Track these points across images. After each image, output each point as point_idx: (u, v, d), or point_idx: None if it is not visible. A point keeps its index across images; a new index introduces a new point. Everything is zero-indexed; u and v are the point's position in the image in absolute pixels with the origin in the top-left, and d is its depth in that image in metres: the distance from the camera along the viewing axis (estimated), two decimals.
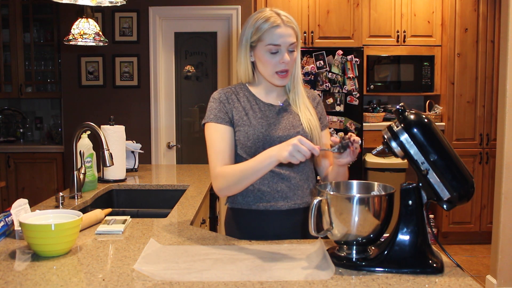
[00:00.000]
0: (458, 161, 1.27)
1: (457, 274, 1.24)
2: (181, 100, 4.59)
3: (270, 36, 1.55)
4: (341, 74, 4.15)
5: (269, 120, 1.63)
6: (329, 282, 1.18)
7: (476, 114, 4.36)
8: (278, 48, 1.56)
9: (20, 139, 5.06)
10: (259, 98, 1.68)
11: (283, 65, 1.57)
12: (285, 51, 1.57)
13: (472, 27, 4.29)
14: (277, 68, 1.58)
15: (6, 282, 1.18)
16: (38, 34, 4.91)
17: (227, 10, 4.38)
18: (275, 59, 1.57)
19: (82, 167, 2.21)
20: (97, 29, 2.70)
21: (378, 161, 4.26)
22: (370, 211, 1.26)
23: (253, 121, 1.62)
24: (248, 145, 1.60)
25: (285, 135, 1.61)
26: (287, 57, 1.57)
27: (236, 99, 1.66)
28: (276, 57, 1.57)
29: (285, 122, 1.64)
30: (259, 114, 1.64)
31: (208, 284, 1.16)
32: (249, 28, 1.59)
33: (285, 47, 1.56)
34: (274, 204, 1.63)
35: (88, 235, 1.60)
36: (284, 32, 1.55)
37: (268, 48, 1.56)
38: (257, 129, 1.60)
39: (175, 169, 3.26)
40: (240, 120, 1.62)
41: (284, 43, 1.56)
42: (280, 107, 1.67)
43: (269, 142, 1.59)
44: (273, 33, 1.55)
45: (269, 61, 1.58)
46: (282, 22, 1.56)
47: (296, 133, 1.62)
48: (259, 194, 1.63)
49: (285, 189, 1.63)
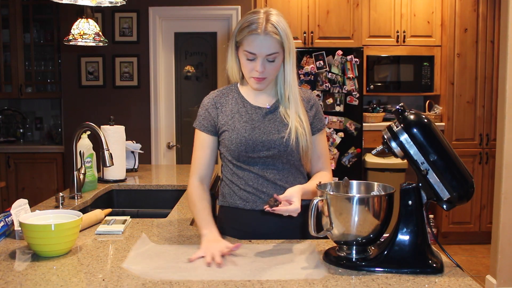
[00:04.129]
0: (458, 161, 1.27)
1: (457, 274, 1.24)
2: (181, 100, 4.59)
3: (247, 43, 1.52)
4: (341, 74, 4.15)
5: (254, 124, 1.62)
6: (329, 282, 1.18)
7: (476, 114, 4.36)
8: (253, 56, 1.53)
9: (20, 139, 5.06)
10: (247, 100, 1.67)
11: (256, 73, 1.55)
12: (261, 60, 1.53)
13: (471, 27, 4.30)
14: (252, 74, 1.57)
15: (6, 282, 1.19)
16: (38, 34, 4.91)
17: (227, 10, 4.38)
18: (250, 65, 1.55)
19: (82, 167, 2.21)
20: (97, 29, 2.71)
21: (378, 161, 4.26)
22: (370, 211, 1.26)
23: (237, 125, 1.62)
24: (231, 148, 1.62)
25: (268, 140, 1.59)
26: (258, 67, 1.53)
27: (225, 101, 1.67)
28: (252, 64, 1.55)
29: (270, 126, 1.62)
30: (244, 117, 1.63)
31: (208, 284, 1.17)
32: (236, 27, 1.58)
33: (261, 57, 1.52)
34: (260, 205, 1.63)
35: (88, 235, 1.60)
36: (261, 42, 1.50)
37: (245, 53, 1.54)
38: (240, 133, 1.60)
39: (175, 169, 3.26)
40: (226, 125, 1.63)
41: (259, 53, 1.52)
42: (267, 110, 1.65)
43: (251, 146, 1.59)
44: (250, 41, 1.52)
45: (245, 65, 1.57)
46: (262, 31, 1.50)
47: (280, 138, 1.59)
48: (245, 196, 1.64)
49: (271, 191, 1.62)
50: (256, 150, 1.60)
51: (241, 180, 1.65)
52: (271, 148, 1.60)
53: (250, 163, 1.63)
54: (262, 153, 1.60)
